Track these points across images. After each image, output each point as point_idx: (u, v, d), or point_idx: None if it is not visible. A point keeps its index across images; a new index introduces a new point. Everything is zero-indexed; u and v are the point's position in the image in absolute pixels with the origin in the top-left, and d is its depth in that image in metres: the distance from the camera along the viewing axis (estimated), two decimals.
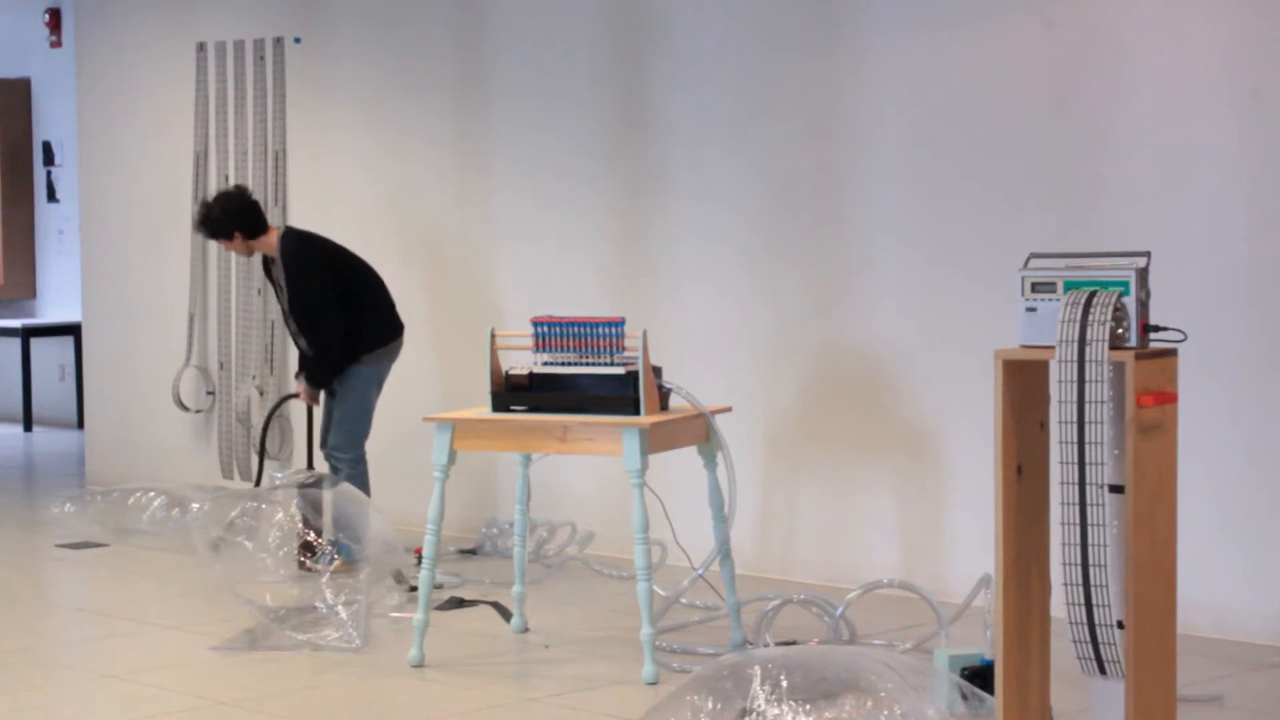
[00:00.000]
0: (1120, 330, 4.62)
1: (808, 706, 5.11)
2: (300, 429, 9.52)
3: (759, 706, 5.10)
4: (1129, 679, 4.64)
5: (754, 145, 8.15)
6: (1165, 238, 6.64)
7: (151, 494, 9.31)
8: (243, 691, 6.34)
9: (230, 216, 8.32)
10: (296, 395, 8.62)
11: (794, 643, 6.43)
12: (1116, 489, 4.62)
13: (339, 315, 8.21)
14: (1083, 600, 4.56)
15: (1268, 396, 6.78)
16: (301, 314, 8.27)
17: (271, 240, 8.35)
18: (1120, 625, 4.61)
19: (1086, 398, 4.52)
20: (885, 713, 5.08)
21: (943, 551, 7.60)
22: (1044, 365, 4.75)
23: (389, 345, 8.43)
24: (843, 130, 7.87)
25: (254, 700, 6.23)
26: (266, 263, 8.54)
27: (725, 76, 8.23)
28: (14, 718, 6.11)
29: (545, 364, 6.60)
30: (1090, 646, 4.60)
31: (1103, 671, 4.62)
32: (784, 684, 5.13)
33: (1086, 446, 4.52)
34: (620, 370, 6.50)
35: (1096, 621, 4.55)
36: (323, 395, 8.42)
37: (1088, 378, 4.53)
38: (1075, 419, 4.52)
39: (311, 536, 7.52)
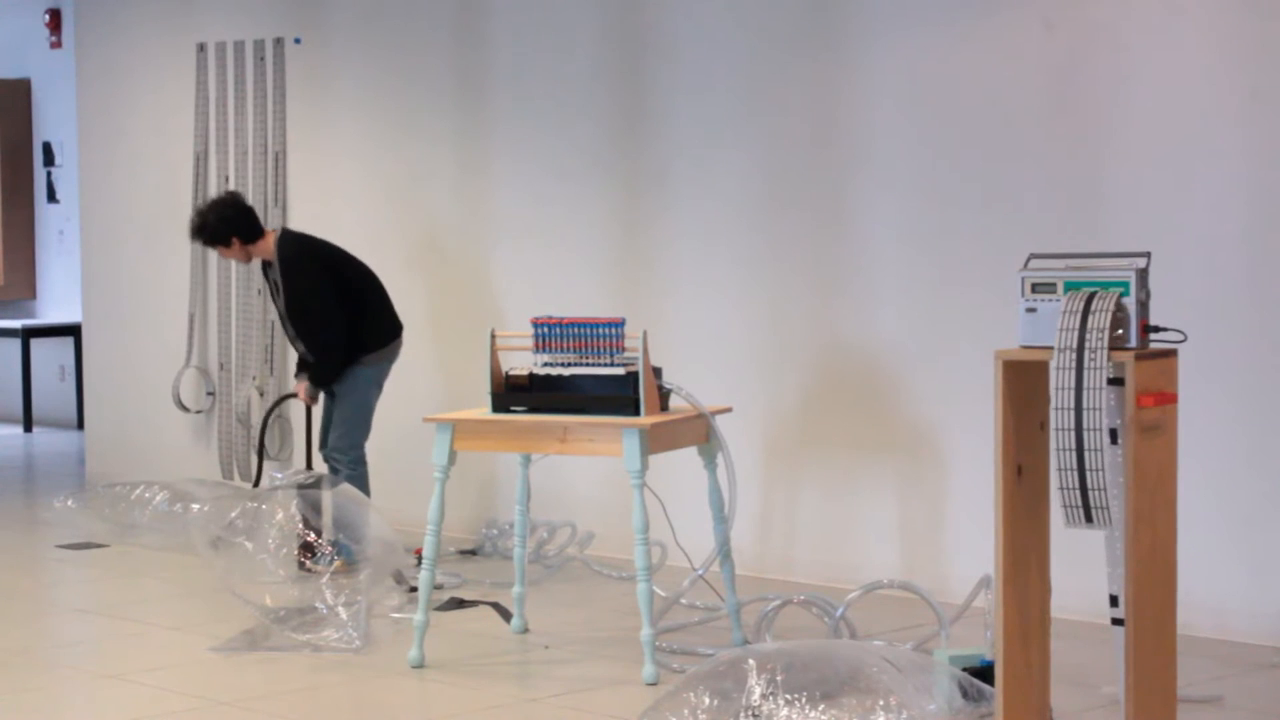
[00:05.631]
0: (1120, 331, 4.62)
1: (804, 701, 5.11)
2: (300, 429, 9.52)
3: (754, 702, 5.10)
4: (1128, 679, 4.64)
5: (754, 145, 8.15)
6: (1165, 238, 6.64)
7: (155, 488, 9.30)
8: (243, 691, 6.34)
9: (226, 223, 8.27)
10: (295, 395, 8.58)
11: None
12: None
13: (340, 315, 8.20)
14: (1073, 445, 4.52)
15: (1268, 396, 6.78)
16: (299, 317, 8.25)
17: (269, 244, 8.31)
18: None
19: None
20: (882, 703, 5.08)
21: (943, 551, 7.59)
22: (1044, 366, 4.74)
23: (388, 346, 8.41)
24: (843, 130, 7.87)
25: (254, 700, 6.23)
26: (265, 265, 8.51)
27: (725, 76, 8.22)
28: (14, 718, 6.11)
29: (545, 364, 6.59)
30: (1078, 494, 4.55)
31: (1089, 519, 4.57)
32: (780, 679, 5.13)
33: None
34: (620, 371, 6.50)
35: (1087, 466, 4.51)
36: (322, 396, 8.41)
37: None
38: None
39: (311, 537, 7.52)
